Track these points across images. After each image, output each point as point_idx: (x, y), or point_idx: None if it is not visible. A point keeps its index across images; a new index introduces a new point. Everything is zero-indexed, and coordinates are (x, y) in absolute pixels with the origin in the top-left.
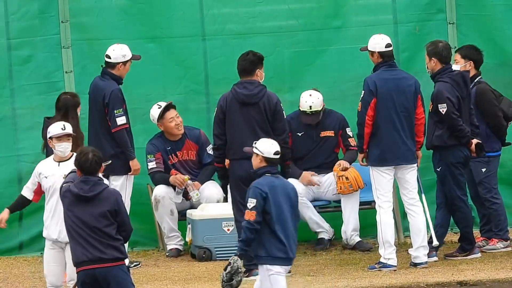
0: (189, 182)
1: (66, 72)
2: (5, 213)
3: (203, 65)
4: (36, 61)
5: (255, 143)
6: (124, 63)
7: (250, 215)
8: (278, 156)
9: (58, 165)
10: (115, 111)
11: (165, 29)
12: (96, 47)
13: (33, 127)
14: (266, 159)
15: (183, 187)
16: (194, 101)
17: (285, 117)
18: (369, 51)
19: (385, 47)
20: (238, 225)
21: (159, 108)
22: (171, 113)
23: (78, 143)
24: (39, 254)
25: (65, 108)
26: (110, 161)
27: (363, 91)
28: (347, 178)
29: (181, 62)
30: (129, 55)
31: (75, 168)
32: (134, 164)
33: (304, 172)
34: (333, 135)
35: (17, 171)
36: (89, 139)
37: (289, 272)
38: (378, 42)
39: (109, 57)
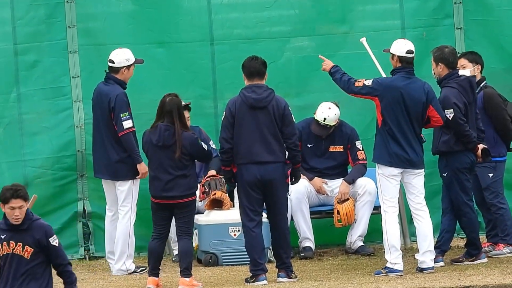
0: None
1: (73, 77)
2: None
3: (211, 70)
4: (43, 66)
5: None
6: (128, 67)
7: None
8: None
9: None
10: (121, 115)
11: (173, 34)
12: (103, 52)
13: (39, 132)
14: None
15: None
16: (202, 105)
17: (294, 120)
18: (391, 53)
19: (406, 52)
20: (245, 230)
21: None
22: (186, 114)
23: None
24: None
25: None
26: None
27: (371, 81)
28: (338, 211)
29: (189, 67)
30: (132, 59)
31: None
32: (142, 167)
33: (316, 178)
34: (342, 150)
35: (24, 176)
36: (94, 145)
37: (296, 277)
38: (400, 47)
39: (113, 62)
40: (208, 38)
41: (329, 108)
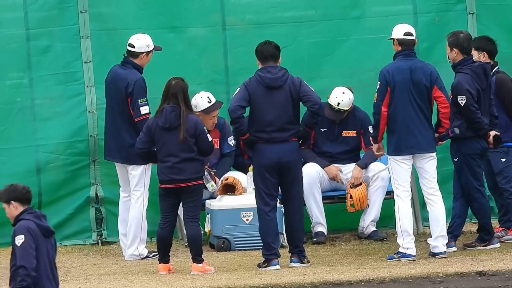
0: (206, 173)
1: (85, 62)
2: None
3: (223, 55)
4: (55, 51)
5: None
6: (147, 53)
7: None
8: None
9: None
10: (139, 100)
11: (185, 19)
12: (115, 37)
13: (52, 117)
14: None
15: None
16: (214, 91)
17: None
18: (392, 39)
19: (403, 34)
20: (260, 214)
21: (208, 102)
22: (215, 112)
23: None
24: (58, 244)
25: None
26: None
27: (378, 82)
28: (351, 196)
29: (201, 52)
30: (152, 46)
31: None
32: None
33: (332, 165)
34: (355, 135)
35: (36, 161)
36: (106, 128)
37: (308, 262)
38: (398, 30)
39: (133, 46)
40: (220, 23)
41: (343, 93)
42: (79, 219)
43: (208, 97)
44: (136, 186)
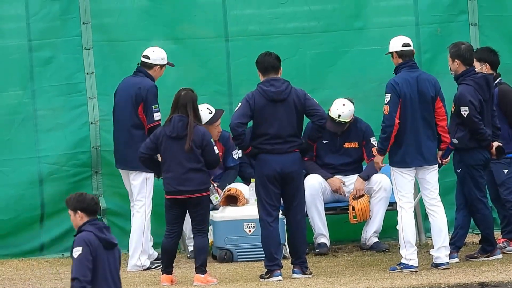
0: (211, 186)
1: (87, 73)
2: None
3: (226, 66)
4: (58, 62)
5: None
6: (161, 66)
7: None
8: None
9: None
10: (153, 107)
11: (188, 30)
12: (118, 49)
13: (54, 128)
14: None
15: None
16: (217, 102)
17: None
18: (390, 53)
19: (402, 46)
20: (262, 225)
21: (210, 113)
22: (218, 121)
23: None
24: (60, 255)
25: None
26: None
27: (388, 94)
28: (353, 208)
29: (203, 63)
30: (166, 60)
31: None
32: None
33: (335, 177)
34: (357, 146)
35: (38, 173)
36: (117, 138)
37: (311, 273)
38: (395, 43)
39: (148, 58)
40: (223, 34)
41: (343, 105)
42: None
43: (208, 108)
44: (137, 195)
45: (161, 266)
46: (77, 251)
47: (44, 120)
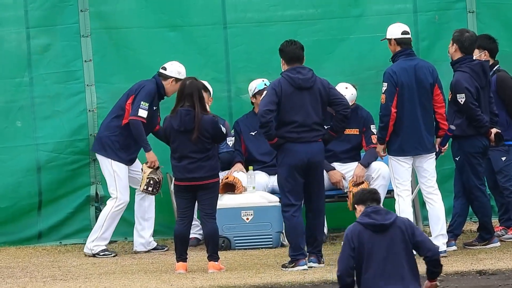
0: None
1: (85, 61)
2: None
3: (224, 53)
4: (55, 50)
5: None
6: (176, 80)
7: None
8: None
9: None
10: (142, 103)
11: (186, 17)
12: (116, 36)
13: (52, 116)
14: None
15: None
16: (215, 89)
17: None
18: (387, 39)
19: (401, 34)
20: (286, 215)
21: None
22: (205, 96)
23: None
24: (58, 243)
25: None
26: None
27: (385, 83)
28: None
29: (202, 50)
30: (183, 75)
31: None
32: (150, 156)
33: (337, 171)
34: (357, 133)
35: (36, 160)
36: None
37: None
38: (394, 30)
39: (165, 69)
40: (221, 21)
41: (346, 88)
42: (79, 218)
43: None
44: (109, 187)
45: (166, 249)
46: None
47: (41, 108)
